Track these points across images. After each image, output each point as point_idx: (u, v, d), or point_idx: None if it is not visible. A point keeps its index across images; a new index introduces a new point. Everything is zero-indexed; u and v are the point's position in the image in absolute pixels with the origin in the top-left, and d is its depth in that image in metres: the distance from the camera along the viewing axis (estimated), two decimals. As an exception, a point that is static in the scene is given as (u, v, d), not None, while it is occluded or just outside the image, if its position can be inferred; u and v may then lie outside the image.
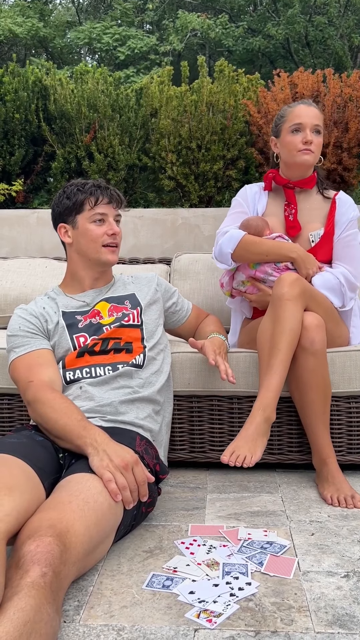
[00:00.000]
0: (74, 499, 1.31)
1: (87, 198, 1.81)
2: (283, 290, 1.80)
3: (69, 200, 1.82)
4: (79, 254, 1.84)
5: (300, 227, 2.08)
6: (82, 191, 1.82)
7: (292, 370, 1.83)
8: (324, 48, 12.61)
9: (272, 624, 1.21)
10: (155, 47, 12.30)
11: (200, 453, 2.03)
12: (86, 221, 1.81)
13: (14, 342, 1.75)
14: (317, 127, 2.06)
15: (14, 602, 1.05)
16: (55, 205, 1.87)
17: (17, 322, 1.78)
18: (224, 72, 4.12)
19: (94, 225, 1.81)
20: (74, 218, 1.82)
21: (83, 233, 1.81)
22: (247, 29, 12.59)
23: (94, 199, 1.80)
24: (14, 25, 12.01)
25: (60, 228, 1.86)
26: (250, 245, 1.99)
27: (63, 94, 4.10)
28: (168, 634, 1.17)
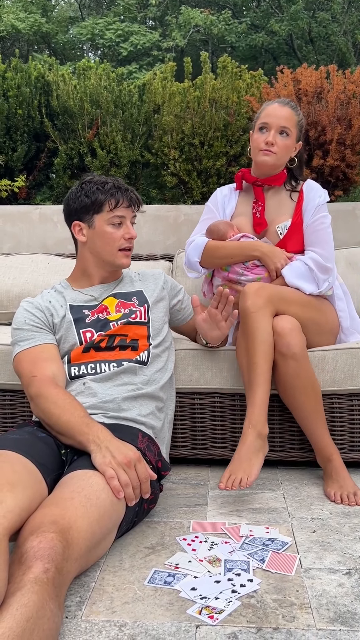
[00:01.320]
0: (77, 496, 1.31)
1: (107, 200, 1.76)
2: (247, 303, 1.81)
3: (88, 199, 1.77)
4: (92, 253, 1.82)
5: (266, 224, 2.09)
6: (102, 191, 1.77)
7: (276, 377, 1.85)
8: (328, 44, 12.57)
9: (273, 621, 1.21)
10: (158, 43, 12.27)
11: (202, 450, 2.03)
12: (104, 223, 1.77)
13: (19, 335, 1.74)
14: (283, 129, 2.03)
15: (16, 597, 1.05)
16: (72, 200, 1.81)
17: (23, 316, 1.77)
18: (227, 69, 4.11)
19: (111, 227, 1.77)
20: (91, 217, 1.78)
21: (100, 235, 1.78)
22: (250, 25, 12.55)
23: (114, 202, 1.77)
24: (16, 20, 11.99)
25: (74, 225, 1.82)
26: (214, 251, 2.03)
27: (66, 90, 4.09)
28: (170, 630, 1.17)
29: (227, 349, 2.01)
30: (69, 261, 2.80)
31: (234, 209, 2.19)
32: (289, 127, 2.03)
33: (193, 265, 2.10)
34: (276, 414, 1.99)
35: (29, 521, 1.25)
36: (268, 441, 2.01)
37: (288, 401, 1.86)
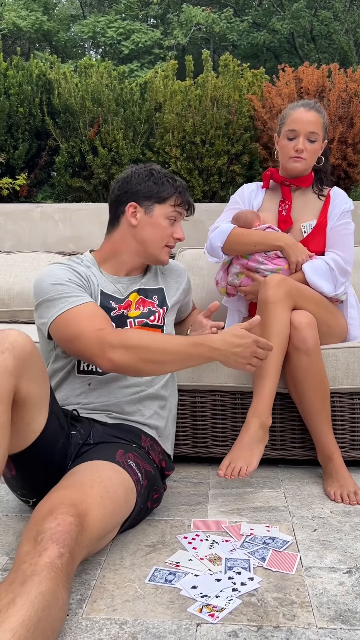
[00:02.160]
0: (97, 485, 1.33)
1: (174, 194, 1.73)
2: (267, 293, 1.81)
3: (156, 186, 1.72)
4: (137, 240, 1.74)
5: (291, 222, 2.12)
6: (171, 184, 1.74)
7: (287, 370, 1.84)
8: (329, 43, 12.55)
9: (274, 619, 1.21)
10: (160, 41, 12.26)
11: (202, 448, 2.03)
12: (162, 215, 1.73)
13: (64, 291, 1.58)
14: (312, 135, 2.05)
15: (35, 584, 1.05)
16: (137, 181, 1.73)
17: (65, 274, 1.62)
18: (229, 67, 4.10)
19: (167, 222, 1.74)
20: (151, 205, 1.72)
21: (154, 224, 1.72)
22: (251, 24, 12.53)
23: (180, 199, 1.74)
24: (18, 18, 11.98)
25: (130, 206, 1.72)
26: (238, 237, 2.04)
27: (67, 88, 4.09)
28: (170, 628, 1.18)
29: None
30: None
31: (260, 205, 2.20)
32: (316, 132, 2.05)
33: (215, 250, 2.09)
34: (277, 412, 1.99)
35: (48, 499, 1.26)
36: (269, 441, 2.01)
37: (296, 396, 1.86)
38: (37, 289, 1.62)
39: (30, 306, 2.62)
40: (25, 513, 1.69)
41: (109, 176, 4.04)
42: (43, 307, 1.59)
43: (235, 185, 4.12)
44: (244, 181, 4.08)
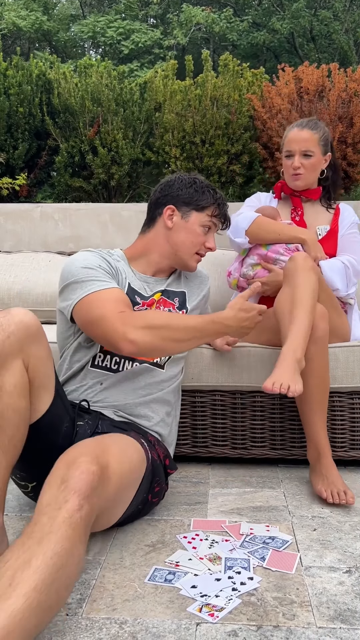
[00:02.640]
0: (115, 445, 1.37)
1: (213, 204, 1.78)
2: (298, 263, 1.83)
3: (197, 194, 1.77)
4: (170, 243, 1.77)
5: (306, 226, 2.22)
6: (212, 195, 1.78)
7: None
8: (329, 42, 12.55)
9: (274, 619, 1.21)
10: (160, 41, 12.26)
11: (202, 448, 2.03)
12: (198, 222, 1.76)
13: (93, 275, 1.60)
14: (305, 152, 2.17)
15: (51, 543, 1.07)
16: (179, 186, 1.78)
17: (96, 260, 1.65)
18: (229, 67, 4.10)
19: (201, 230, 1.77)
20: (189, 210, 1.76)
21: (189, 230, 1.76)
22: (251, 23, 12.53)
23: (218, 210, 1.79)
24: (17, 18, 11.98)
25: (168, 208, 1.77)
26: (264, 224, 2.12)
27: (67, 88, 4.09)
28: (170, 628, 1.18)
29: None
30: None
31: None
32: (309, 149, 2.17)
33: (240, 231, 2.14)
34: (277, 412, 1.99)
35: (70, 451, 1.29)
36: (268, 440, 2.01)
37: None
38: (66, 272, 1.63)
39: (30, 306, 2.62)
40: (25, 513, 1.70)
41: (108, 176, 4.04)
42: (69, 289, 1.61)
43: (235, 185, 4.12)
44: (243, 181, 4.08)
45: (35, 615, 1.00)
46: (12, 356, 1.31)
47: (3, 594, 1.00)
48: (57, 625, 1.19)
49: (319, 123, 2.24)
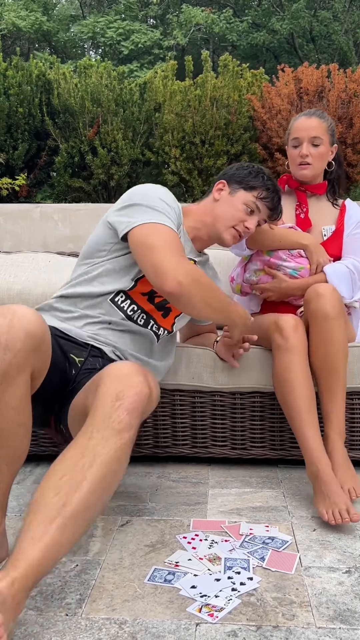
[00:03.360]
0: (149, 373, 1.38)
1: (262, 188, 1.79)
2: (327, 307, 1.79)
3: (249, 176, 1.80)
4: (212, 214, 1.79)
5: (311, 223, 2.15)
6: (263, 180, 1.80)
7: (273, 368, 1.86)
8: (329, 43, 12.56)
9: (273, 619, 1.21)
10: (159, 42, 12.26)
11: (202, 448, 2.03)
12: (242, 200, 1.78)
13: (167, 210, 1.58)
14: (314, 140, 2.10)
15: (103, 466, 1.18)
16: (236, 168, 1.84)
17: (173, 202, 1.65)
18: (229, 67, 4.11)
19: (244, 208, 1.78)
20: (238, 188, 1.80)
21: (230, 204, 1.79)
22: (251, 24, 12.54)
23: (265, 194, 1.79)
24: (17, 18, 11.98)
25: (219, 182, 1.82)
26: (263, 232, 2.05)
27: (67, 88, 4.09)
28: (170, 628, 1.18)
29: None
30: (69, 259, 2.80)
31: None
32: (319, 136, 2.10)
33: (239, 242, 2.08)
34: (277, 411, 1.99)
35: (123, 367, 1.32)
36: (268, 441, 2.01)
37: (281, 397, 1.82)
38: (140, 194, 1.60)
39: (30, 306, 2.61)
40: (24, 513, 1.69)
41: (108, 176, 4.04)
42: (137, 209, 1.57)
43: (235, 185, 4.12)
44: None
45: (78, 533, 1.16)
46: (18, 372, 1.25)
47: (58, 515, 1.12)
48: (57, 626, 1.19)
49: (326, 114, 2.18)
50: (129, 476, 1.94)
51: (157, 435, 2.01)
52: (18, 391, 1.25)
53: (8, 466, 1.31)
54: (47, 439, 2.02)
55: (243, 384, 1.97)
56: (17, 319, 1.24)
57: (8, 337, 1.22)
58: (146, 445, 2.01)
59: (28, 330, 1.24)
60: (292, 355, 1.79)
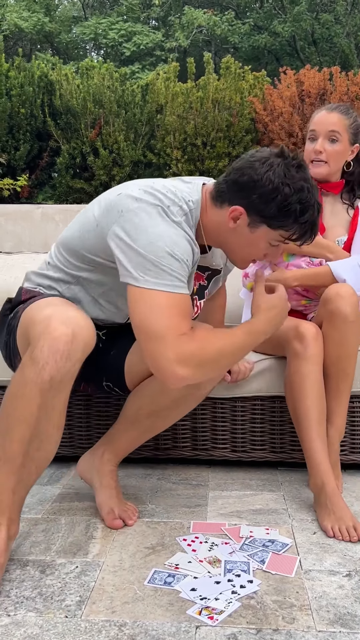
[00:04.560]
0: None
1: (293, 230, 1.41)
2: (347, 309, 1.74)
3: (277, 212, 1.37)
4: (226, 239, 1.47)
5: (324, 229, 2.05)
6: (296, 220, 1.38)
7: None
8: (331, 46, 12.58)
9: (273, 622, 1.21)
10: (161, 44, 12.28)
11: (202, 451, 2.03)
12: (265, 238, 1.42)
13: (177, 270, 1.34)
14: (332, 135, 1.94)
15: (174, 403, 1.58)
16: (259, 191, 1.36)
17: (187, 252, 1.38)
18: (230, 69, 4.11)
19: (267, 245, 1.45)
20: (259, 223, 1.40)
21: (251, 243, 1.44)
22: (253, 26, 12.55)
23: (296, 237, 1.42)
24: (19, 19, 12.00)
25: (235, 210, 1.39)
26: None
27: (69, 89, 4.09)
28: (170, 631, 1.17)
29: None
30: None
31: None
32: (337, 132, 1.94)
33: None
34: (277, 414, 1.99)
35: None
36: (268, 443, 2.01)
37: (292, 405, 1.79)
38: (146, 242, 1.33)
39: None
40: (25, 514, 1.69)
41: (109, 177, 4.04)
42: (140, 264, 1.33)
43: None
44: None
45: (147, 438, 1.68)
46: (71, 379, 1.32)
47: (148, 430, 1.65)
48: (57, 627, 1.19)
49: (350, 108, 1.99)
50: (128, 478, 1.93)
51: (157, 437, 2.00)
52: (65, 396, 1.32)
53: (37, 468, 1.36)
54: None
55: (243, 394, 1.96)
56: (79, 329, 1.30)
57: (71, 348, 1.27)
58: (147, 448, 2.00)
59: (87, 342, 1.31)
60: (309, 365, 1.75)
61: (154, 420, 1.62)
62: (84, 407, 2.00)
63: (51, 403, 1.29)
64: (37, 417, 1.29)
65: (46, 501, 1.77)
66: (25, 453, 1.31)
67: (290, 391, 1.80)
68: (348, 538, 1.54)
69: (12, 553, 1.48)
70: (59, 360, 1.26)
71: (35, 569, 1.41)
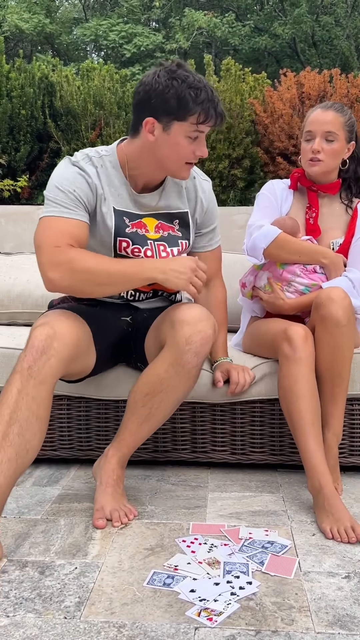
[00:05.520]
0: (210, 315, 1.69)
1: (197, 112, 1.55)
2: (339, 313, 1.74)
3: (176, 102, 1.54)
4: (155, 156, 1.64)
5: (320, 231, 2.03)
6: (194, 100, 1.53)
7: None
8: (331, 48, 12.60)
9: (272, 624, 1.21)
10: (162, 45, 12.29)
11: (202, 453, 2.03)
12: (182, 133, 1.58)
13: (60, 198, 1.60)
14: (328, 135, 1.95)
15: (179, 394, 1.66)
16: (155, 93, 1.56)
17: (75, 182, 1.63)
18: (231, 71, 4.12)
19: (187, 141, 1.59)
20: (170, 121, 1.57)
21: (172, 144, 1.60)
22: (253, 28, 12.57)
23: (203, 117, 1.56)
24: (20, 21, 12.01)
25: (147, 121, 1.58)
26: (285, 244, 1.94)
27: (69, 91, 4.10)
28: (169, 632, 1.17)
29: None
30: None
31: (289, 208, 2.09)
32: (334, 131, 1.95)
33: (257, 251, 1.97)
34: (277, 417, 1.99)
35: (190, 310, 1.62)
36: (268, 446, 2.01)
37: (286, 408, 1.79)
38: (49, 182, 1.66)
39: (30, 308, 2.62)
40: (24, 515, 1.69)
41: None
42: (45, 201, 1.65)
43: (237, 189, 4.13)
44: (244, 185, 4.08)
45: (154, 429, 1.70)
46: (51, 375, 1.50)
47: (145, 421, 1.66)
48: (56, 629, 1.19)
49: (345, 107, 2.00)
50: (127, 479, 1.93)
51: (156, 439, 2.01)
52: (45, 389, 1.48)
53: (18, 457, 1.44)
54: (46, 442, 2.02)
55: (242, 397, 1.96)
56: (56, 329, 1.52)
57: (46, 344, 1.49)
58: (146, 450, 2.01)
59: (63, 340, 1.52)
60: (299, 367, 1.75)
61: (150, 407, 1.64)
62: (84, 410, 2.00)
63: (32, 391, 1.46)
64: (16, 400, 1.45)
65: (45, 502, 1.77)
66: (5, 434, 1.43)
67: (283, 394, 1.79)
68: (347, 539, 1.54)
69: (11, 554, 1.48)
70: (35, 353, 1.48)
71: (35, 570, 1.41)
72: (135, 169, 1.70)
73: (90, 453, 2.01)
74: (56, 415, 2.01)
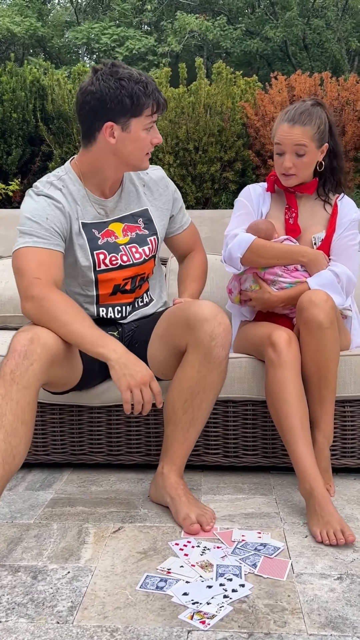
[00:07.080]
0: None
1: (149, 104, 1.64)
2: (321, 316, 1.74)
3: (130, 100, 1.61)
4: (118, 156, 1.70)
5: (300, 230, 2.03)
6: (144, 93, 1.62)
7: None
8: (322, 51, 12.66)
9: (265, 626, 1.21)
10: (154, 48, 12.32)
11: (195, 456, 2.03)
12: (140, 127, 1.66)
13: (34, 229, 1.64)
14: (299, 149, 1.92)
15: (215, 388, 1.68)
16: (110, 99, 1.62)
17: (46, 211, 1.67)
18: (222, 74, 4.13)
19: (145, 132, 1.68)
20: (127, 120, 1.64)
21: (134, 139, 1.67)
22: (245, 31, 12.62)
23: (156, 106, 1.66)
24: (12, 24, 12.00)
25: (107, 127, 1.64)
26: (260, 250, 1.94)
27: (61, 94, 4.10)
28: (161, 635, 1.17)
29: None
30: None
31: (268, 210, 2.10)
32: (303, 144, 1.92)
33: (234, 261, 1.97)
34: (268, 419, 2.00)
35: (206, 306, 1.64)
36: (260, 448, 2.01)
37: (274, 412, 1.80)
38: (20, 216, 1.70)
39: (21, 313, 2.60)
40: (16, 520, 1.69)
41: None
42: (18, 234, 1.68)
43: (228, 192, 4.14)
44: (236, 188, 4.09)
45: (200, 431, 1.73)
46: (34, 379, 1.50)
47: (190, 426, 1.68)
48: (48, 634, 1.19)
49: (313, 112, 1.95)
50: (120, 482, 1.93)
51: (149, 443, 2.01)
52: (29, 394, 1.49)
53: (4, 462, 1.44)
54: (38, 446, 2.01)
55: (233, 393, 1.97)
56: (38, 334, 1.54)
57: (28, 349, 1.51)
58: (138, 454, 2.00)
59: (45, 344, 1.53)
60: (285, 371, 1.75)
61: (192, 412, 1.66)
62: (77, 414, 2.00)
63: (15, 396, 1.47)
64: (0, 405, 1.47)
65: (38, 506, 1.77)
66: None
67: (271, 399, 1.80)
68: (335, 542, 1.53)
69: (3, 559, 1.48)
70: (17, 357, 1.50)
71: (27, 575, 1.40)
72: (96, 176, 1.75)
73: (83, 457, 2.01)
74: (48, 420, 2.00)
